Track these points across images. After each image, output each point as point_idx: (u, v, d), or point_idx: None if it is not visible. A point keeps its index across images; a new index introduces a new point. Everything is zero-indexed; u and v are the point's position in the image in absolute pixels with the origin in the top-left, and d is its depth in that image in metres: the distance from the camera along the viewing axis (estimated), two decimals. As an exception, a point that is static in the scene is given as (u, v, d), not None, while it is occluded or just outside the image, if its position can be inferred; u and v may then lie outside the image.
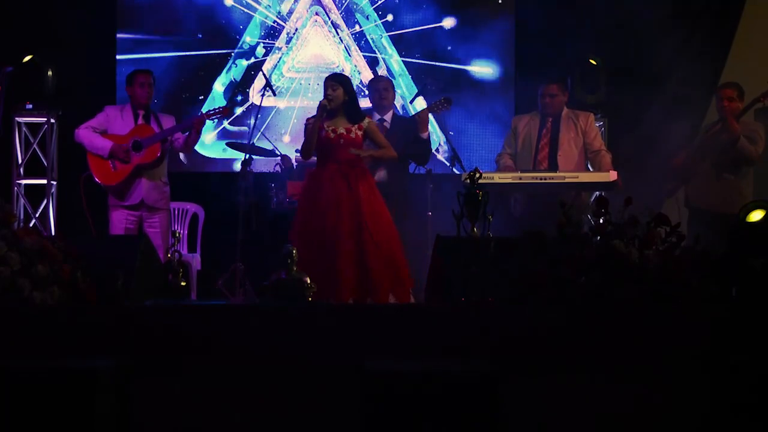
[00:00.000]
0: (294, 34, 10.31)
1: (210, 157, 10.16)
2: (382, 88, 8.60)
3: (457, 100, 9.04)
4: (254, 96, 10.09)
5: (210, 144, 10.13)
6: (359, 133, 7.40)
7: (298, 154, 8.32)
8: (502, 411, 4.45)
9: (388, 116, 8.49)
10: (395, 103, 8.95)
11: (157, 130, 8.28)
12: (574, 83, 9.07)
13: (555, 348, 5.19)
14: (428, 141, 8.45)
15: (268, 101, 9.81)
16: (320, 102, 7.35)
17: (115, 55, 10.17)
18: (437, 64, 10.24)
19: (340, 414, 4.96)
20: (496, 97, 10.24)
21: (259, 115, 8.30)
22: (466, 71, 10.25)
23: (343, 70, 10.03)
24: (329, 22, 10.31)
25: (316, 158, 7.51)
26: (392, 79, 9.12)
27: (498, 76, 10.25)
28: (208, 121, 8.45)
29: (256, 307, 6.03)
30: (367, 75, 10.16)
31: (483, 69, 10.25)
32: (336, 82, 7.43)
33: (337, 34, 10.30)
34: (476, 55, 10.25)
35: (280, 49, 10.28)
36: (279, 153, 8.96)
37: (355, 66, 10.28)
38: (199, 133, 8.33)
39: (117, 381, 4.70)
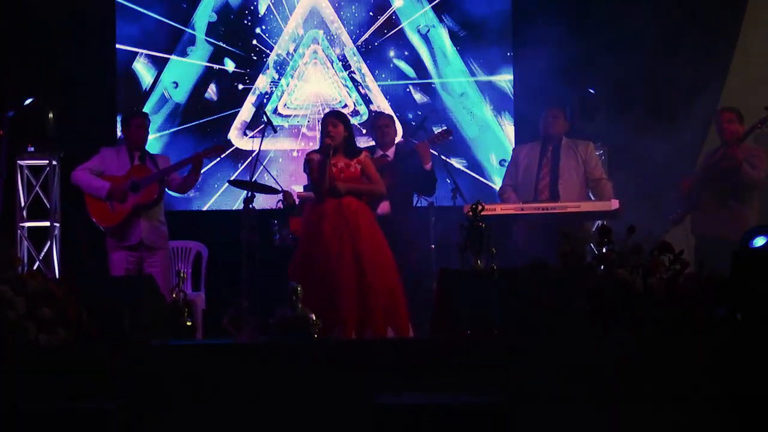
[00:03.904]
0: (294, 71, 10.41)
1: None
2: (383, 124, 8.64)
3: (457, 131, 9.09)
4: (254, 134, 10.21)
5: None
6: (358, 167, 7.44)
7: (303, 191, 8.35)
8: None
9: (390, 152, 8.52)
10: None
11: (153, 171, 8.29)
12: (573, 113, 9.10)
13: (563, 377, 5.19)
14: (432, 172, 8.47)
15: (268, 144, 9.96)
16: (325, 141, 7.37)
17: (115, 96, 10.22)
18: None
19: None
20: (497, 125, 10.31)
21: (259, 154, 8.30)
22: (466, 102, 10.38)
23: (345, 105, 10.16)
24: (327, 59, 10.41)
25: (313, 193, 7.54)
26: (392, 116, 9.14)
27: (498, 106, 10.33)
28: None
29: (263, 345, 6.03)
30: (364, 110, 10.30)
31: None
32: (336, 119, 7.47)
33: (336, 72, 10.40)
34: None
35: (279, 85, 10.37)
36: (281, 189, 8.97)
37: (355, 103, 10.37)
38: (198, 173, 8.36)
39: (125, 421, 4.70)
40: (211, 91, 10.40)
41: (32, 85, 9.39)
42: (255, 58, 10.42)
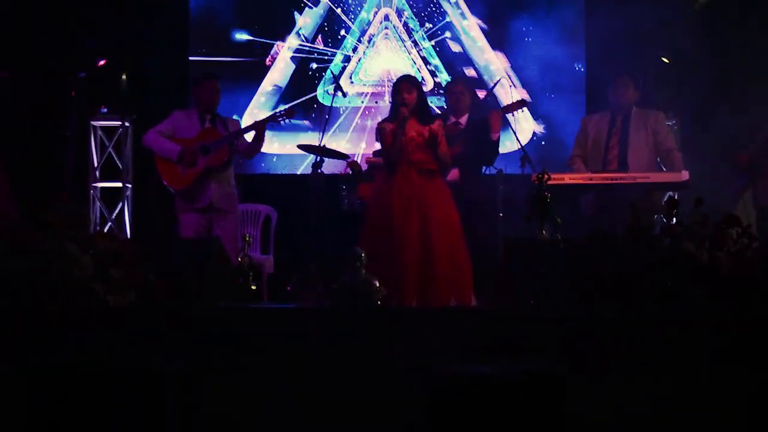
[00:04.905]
0: (368, 43, 10.38)
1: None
2: (458, 91, 8.58)
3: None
4: (323, 97, 10.25)
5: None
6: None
7: (372, 156, 8.37)
8: (570, 412, 4.45)
9: (463, 119, 8.48)
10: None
11: (223, 134, 8.29)
12: (646, 82, 8.99)
13: (623, 349, 5.16)
14: (497, 143, 8.41)
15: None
16: (400, 111, 7.31)
17: (187, 57, 10.28)
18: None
19: (407, 417, 4.98)
20: (567, 94, 10.24)
21: (328, 117, 8.33)
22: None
23: (423, 81, 10.17)
24: (404, 27, 10.36)
25: (383, 160, 7.54)
26: (468, 83, 9.09)
27: (569, 75, 10.26)
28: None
29: (324, 310, 6.06)
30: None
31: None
32: (411, 85, 7.40)
33: (415, 44, 10.35)
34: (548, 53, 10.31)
35: (347, 56, 10.36)
36: (348, 156, 9.00)
37: (435, 70, 10.35)
38: (261, 139, 8.31)
39: (188, 381, 4.76)
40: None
41: (105, 47, 9.48)
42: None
